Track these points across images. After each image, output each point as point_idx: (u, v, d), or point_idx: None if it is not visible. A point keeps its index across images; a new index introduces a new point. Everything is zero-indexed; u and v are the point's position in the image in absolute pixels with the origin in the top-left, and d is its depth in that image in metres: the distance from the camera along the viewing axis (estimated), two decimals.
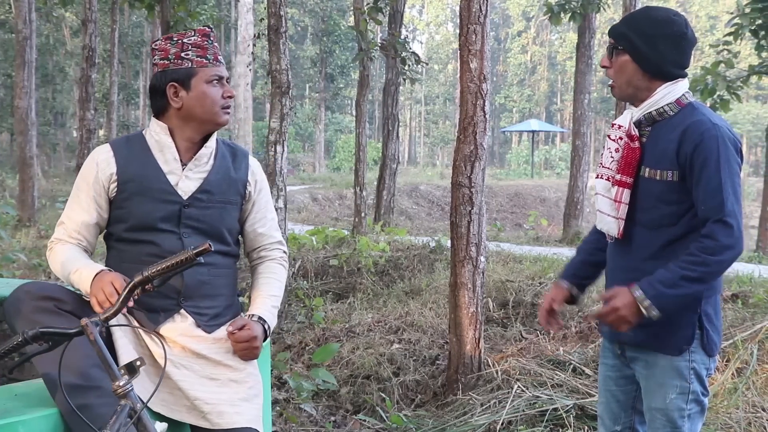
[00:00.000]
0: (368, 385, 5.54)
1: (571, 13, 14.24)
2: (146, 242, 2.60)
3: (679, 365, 2.51)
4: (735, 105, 13.42)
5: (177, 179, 2.64)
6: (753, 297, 7.32)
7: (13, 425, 2.14)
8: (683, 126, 2.45)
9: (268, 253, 2.83)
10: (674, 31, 2.51)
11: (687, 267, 2.37)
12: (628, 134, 2.56)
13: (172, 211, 2.62)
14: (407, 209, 25.12)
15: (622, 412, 2.78)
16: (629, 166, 2.54)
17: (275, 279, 2.80)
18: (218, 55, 2.67)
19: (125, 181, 2.63)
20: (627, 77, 2.55)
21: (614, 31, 2.59)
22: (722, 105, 12.14)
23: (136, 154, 2.66)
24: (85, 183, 2.66)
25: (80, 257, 2.58)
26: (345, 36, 38.81)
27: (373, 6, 12.65)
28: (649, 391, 2.60)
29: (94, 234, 2.69)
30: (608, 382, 2.80)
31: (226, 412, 2.50)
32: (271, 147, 7.78)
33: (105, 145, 2.74)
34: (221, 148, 2.77)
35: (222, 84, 2.67)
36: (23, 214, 15.01)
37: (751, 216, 34.67)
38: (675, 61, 2.52)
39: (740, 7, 12.04)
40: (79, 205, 2.66)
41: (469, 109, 5.09)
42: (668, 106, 2.52)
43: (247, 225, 2.82)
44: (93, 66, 14.11)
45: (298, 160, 43.52)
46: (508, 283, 7.82)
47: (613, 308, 2.42)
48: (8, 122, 32.72)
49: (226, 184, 2.72)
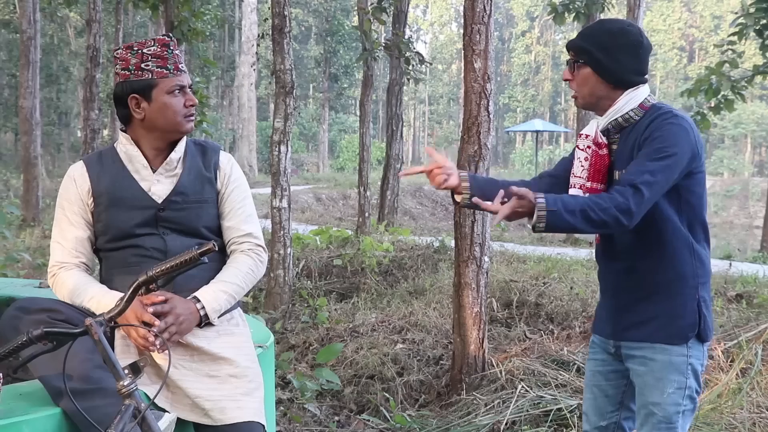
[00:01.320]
0: (372, 385, 5.54)
1: (575, 12, 14.25)
2: (129, 246, 2.64)
3: (677, 360, 2.57)
4: (739, 105, 13.41)
5: (149, 185, 2.67)
6: (757, 297, 7.32)
7: (18, 425, 2.15)
8: (647, 124, 2.54)
9: (237, 246, 2.79)
10: (631, 41, 2.60)
11: (590, 206, 2.37)
12: (595, 142, 2.65)
13: (148, 216, 2.65)
14: (411, 209, 25.12)
15: (609, 407, 2.83)
16: (598, 173, 2.63)
17: (233, 267, 2.73)
18: (179, 64, 2.66)
19: (99, 194, 2.66)
20: (589, 88, 2.65)
21: (573, 45, 2.67)
22: (726, 105, 12.12)
23: (107, 168, 2.70)
24: (68, 201, 2.69)
25: (89, 284, 2.61)
26: (349, 36, 38.80)
27: (377, 6, 12.65)
28: (646, 387, 2.63)
29: (90, 249, 2.72)
30: (597, 377, 2.84)
31: (228, 407, 2.50)
32: (275, 147, 7.79)
33: (78, 163, 2.77)
34: (191, 149, 2.79)
35: (184, 92, 2.67)
36: (27, 214, 15.04)
37: (756, 216, 34.66)
38: (634, 69, 2.61)
39: (745, 7, 12.02)
40: (69, 223, 2.68)
41: (473, 108, 5.09)
42: (632, 111, 2.61)
43: (220, 220, 2.82)
44: (97, 66, 14.11)
45: (302, 160, 43.56)
46: (512, 283, 7.82)
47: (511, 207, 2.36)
48: (13, 122, 32.82)
49: (199, 183, 2.73)
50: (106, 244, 2.68)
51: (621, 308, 2.67)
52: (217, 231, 2.80)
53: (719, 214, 38.18)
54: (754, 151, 60.09)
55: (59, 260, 2.67)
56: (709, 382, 5.03)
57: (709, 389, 4.90)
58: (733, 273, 9.33)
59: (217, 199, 2.79)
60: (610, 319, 2.73)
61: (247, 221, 2.82)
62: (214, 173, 2.78)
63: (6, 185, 22.26)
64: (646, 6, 16.25)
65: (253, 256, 2.78)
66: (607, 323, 2.76)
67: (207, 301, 2.58)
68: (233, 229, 2.80)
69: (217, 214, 2.80)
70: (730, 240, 22.77)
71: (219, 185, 2.79)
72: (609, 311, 2.74)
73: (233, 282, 2.68)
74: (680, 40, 68.55)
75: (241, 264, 2.75)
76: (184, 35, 10.59)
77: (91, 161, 2.74)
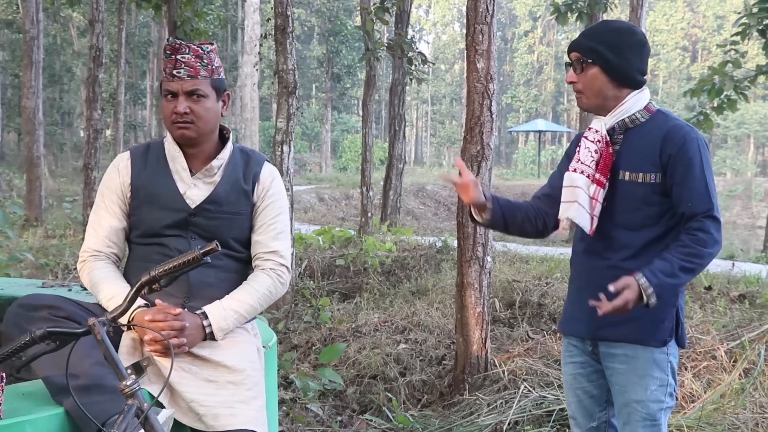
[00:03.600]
0: (375, 385, 5.54)
1: (578, 13, 14.22)
2: (156, 244, 2.68)
3: (659, 357, 2.61)
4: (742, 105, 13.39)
5: (186, 188, 2.69)
6: (760, 297, 7.31)
7: (21, 425, 2.15)
8: (663, 130, 2.59)
9: (260, 263, 2.78)
10: (637, 40, 2.65)
11: (685, 258, 2.45)
12: (604, 139, 2.67)
13: (179, 219, 2.67)
14: (414, 209, 25.12)
15: (597, 407, 2.83)
16: (606, 168, 2.65)
17: (250, 285, 2.72)
18: (175, 69, 2.64)
19: (137, 188, 2.71)
20: (597, 88, 2.66)
21: (580, 45, 2.67)
22: (729, 105, 12.09)
23: (150, 163, 2.74)
24: (108, 190, 2.74)
25: (110, 281, 2.63)
26: (352, 36, 38.80)
27: (379, 6, 12.65)
28: (628, 384, 2.64)
29: (123, 239, 2.76)
30: (579, 380, 2.84)
31: (221, 414, 2.49)
32: (277, 147, 7.79)
33: (125, 153, 2.81)
34: (236, 157, 2.79)
35: (175, 99, 2.65)
36: (30, 214, 15.06)
37: (759, 216, 34.62)
38: (639, 68, 2.66)
39: (748, 7, 11.99)
40: (106, 212, 2.73)
41: (475, 109, 5.09)
42: (639, 113, 2.66)
43: (250, 233, 2.81)
44: (100, 66, 14.12)
45: (305, 160, 43.57)
46: (514, 283, 7.81)
47: (626, 300, 2.41)
48: (16, 122, 32.88)
49: (235, 195, 2.74)
50: (135, 237, 2.73)
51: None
52: (246, 243, 2.80)
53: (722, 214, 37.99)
54: (757, 151, 60.00)
55: (91, 247, 2.72)
56: (712, 382, 5.03)
57: (712, 389, 4.89)
58: (735, 273, 9.31)
59: (251, 212, 2.79)
60: (585, 317, 2.69)
61: (277, 238, 2.80)
62: (252, 186, 2.78)
63: (9, 185, 22.30)
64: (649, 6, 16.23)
65: (273, 277, 2.77)
66: (581, 322, 2.74)
67: (214, 319, 2.59)
68: (261, 244, 2.79)
69: (249, 226, 2.79)
70: (732, 240, 22.72)
71: (255, 198, 2.79)
72: (585, 310, 2.66)
73: (247, 302, 2.68)
74: (683, 40, 68.48)
75: (260, 284, 2.74)
76: (186, 35, 10.59)
77: (137, 153, 2.78)
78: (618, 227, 2.65)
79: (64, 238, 12.74)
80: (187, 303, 2.62)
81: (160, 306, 2.51)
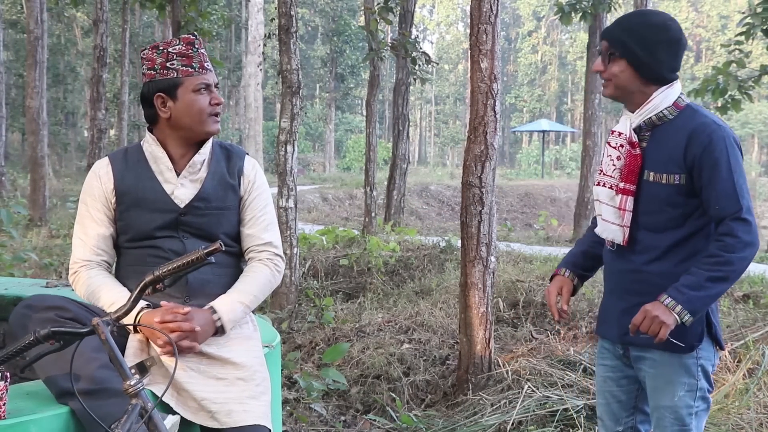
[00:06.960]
0: (378, 384, 5.54)
1: (582, 12, 14.19)
2: (148, 247, 2.66)
3: (688, 362, 2.53)
4: (746, 105, 13.36)
5: (173, 188, 2.68)
6: (764, 297, 7.30)
7: (25, 424, 2.15)
8: (688, 129, 2.47)
9: (256, 255, 2.79)
10: (671, 37, 2.52)
11: (712, 268, 2.38)
12: (629, 141, 2.57)
13: (169, 219, 2.66)
14: (417, 209, 25.11)
15: (624, 413, 2.79)
16: (632, 174, 2.55)
17: (250, 276, 2.74)
18: (204, 62, 2.66)
19: (122, 193, 2.68)
20: (623, 82, 2.57)
21: (610, 36, 2.59)
22: (734, 105, 12.07)
23: (132, 166, 2.71)
24: (91, 197, 2.71)
25: (107, 286, 2.62)
26: (355, 36, 38.82)
27: (383, 6, 12.65)
28: (657, 390, 2.59)
29: (111, 246, 2.73)
30: (608, 383, 2.80)
31: (234, 410, 2.50)
32: (281, 147, 7.79)
33: (104, 159, 2.78)
34: (216, 152, 2.79)
35: (210, 91, 2.67)
36: (34, 214, 15.08)
37: (762, 216, 34.55)
38: (671, 66, 2.54)
39: (752, 7, 11.97)
40: (91, 220, 2.70)
41: (479, 108, 5.09)
42: (667, 110, 2.53)
43: (240, 227, 2.81)
44: (104, 66, 14.16)
45: (309, 160, 43.55)
46: (518, 283, 7.80)
47: (651, 317, 2.39)
48: (20, 122, 32.90)
49: (222, 190, 2.74)
50: (125, 242, 2.70)
51: (628, 311, 2.57)
52: (237, 237, 2.81)
53: None
54: (761, 151, 59.93)
55: (81, 257, 2.69)
56: (716, 382, 5.02)
57: (716, 389, 4.89)
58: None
59: (239, 206, 2.79)
60: (616, 321, 2.67)
61: (268, 229, 2.82)
62: (237, 180, 2.79)
63: (13, 185, 22.29)
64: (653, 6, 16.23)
65: (271, 266, 2.79)
66: (612, 326, 2.71)
67: (223, 312, 2.59)
68: (253, 237, 2.80)
69: (238, 220, 2.80)
70: None
71: (242, 192, 2.80)
72: (615, 313, 2.67)
73: (250, 292, 2.69)
74: (687, 40, 68.39)
75: (259, 274, 2.75)
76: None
77: (117, 158, 2.74)
78: (642, 229, 2.57)
79: (68, 238, 12.72)
80: (188, 302, 2.62)
81: (167, 306, 2.51)
